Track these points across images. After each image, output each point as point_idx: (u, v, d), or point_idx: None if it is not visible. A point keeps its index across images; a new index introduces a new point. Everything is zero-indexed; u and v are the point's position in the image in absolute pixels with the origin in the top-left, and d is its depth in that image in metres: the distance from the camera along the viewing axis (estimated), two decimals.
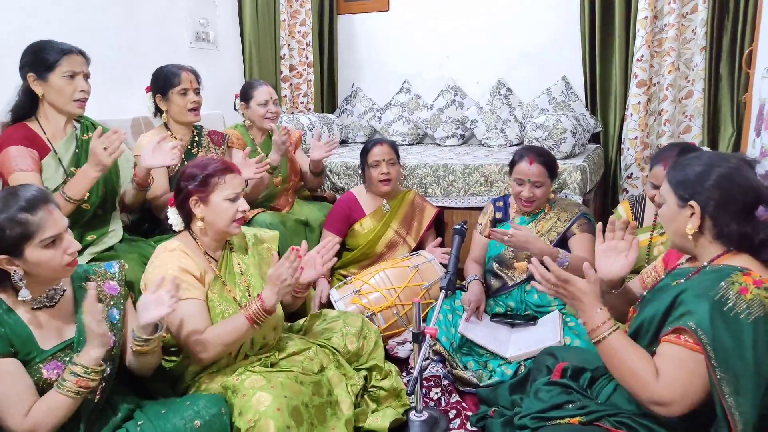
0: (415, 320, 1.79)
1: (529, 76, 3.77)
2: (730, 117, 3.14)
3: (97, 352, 1.31)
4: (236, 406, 1.47)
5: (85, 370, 1.29)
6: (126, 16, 2.78)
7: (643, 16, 3.13)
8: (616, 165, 3.47)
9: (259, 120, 2.71)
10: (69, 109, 1.87)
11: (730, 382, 1.08)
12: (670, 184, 1.28)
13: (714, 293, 1.13)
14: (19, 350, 1.31)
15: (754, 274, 1.14)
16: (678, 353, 1.14)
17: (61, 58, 1.82)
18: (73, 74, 1.84)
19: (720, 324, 1.10)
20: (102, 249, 1.92)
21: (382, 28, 4.16)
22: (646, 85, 3.21)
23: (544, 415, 1.35)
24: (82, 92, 1.87)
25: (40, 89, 1.83)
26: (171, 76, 2.29)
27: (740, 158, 1.24)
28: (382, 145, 2.62)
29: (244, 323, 1.56)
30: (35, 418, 1.26)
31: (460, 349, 2.11)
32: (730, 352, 1.09)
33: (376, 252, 2.62)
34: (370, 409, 1.79)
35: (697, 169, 1.23)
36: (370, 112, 4.16)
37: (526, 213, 2.33)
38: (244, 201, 1.70)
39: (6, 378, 1.26)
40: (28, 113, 1.87)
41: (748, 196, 1.19)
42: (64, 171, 1.88)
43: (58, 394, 1.28)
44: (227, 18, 3.58)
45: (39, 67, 1.82)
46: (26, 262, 1.29)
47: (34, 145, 1.83)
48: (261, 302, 1.56)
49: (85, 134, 1.97)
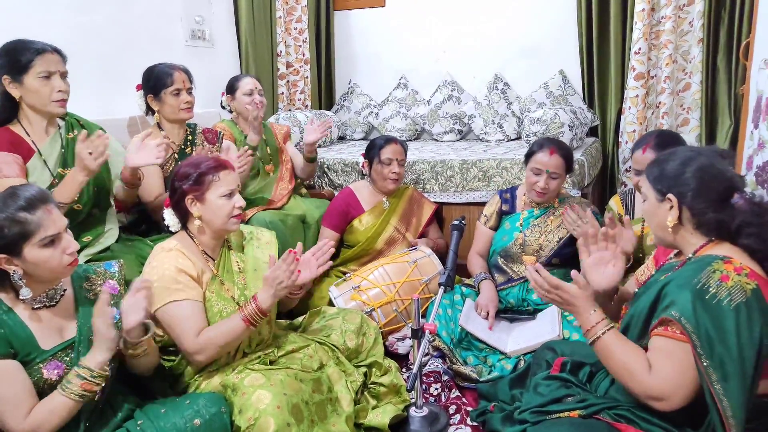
0: (414, 316, 1.79)
1: (526, 70, 3.76)
2: (727, 109, 3.14)
3: (103, 356, 1.32)
4: (236, 404, 1.47)
5: (91, 374, 1.30)
6: (121, 15, 2.77)
7: (640, 8, 3.12)
8: (614, 158, 3.47)
9: (245, 111, 2.71)
10: (49, 110, 1.82)
11: (716, 368, 1.10)
12: (649, 180, 1.33)
13: (696, 282, 1.16)
14: (19, 351, 1.30)
15: (735, 262, 1.17)
16: (666, 345, 1.17)
17: (35, 59, 1.74)
18: (48, 74, 1.77)
19: (702, 312, 1.12)
20: (98, 250, 1.91)
21: (378, 24, 4.15)
22: (644, 77, 3.20)
23: (544, 409, 1.35)
24: (60, 92, 1.80)
25: (17, 92, 1.77)
26: (163, 77, 2.25)
27: (714, 150, 1.30)
28: (396, 143, 2.62)
29: (240, 324, 1.56)
30: (36, 420, 1.26)
31: (459, 344, 2.11)
32: (714, 339, 1.11)
33: (375, 248, 2.62)
34: (370, 405, 1.79)
35: (673, 163, 1.29)
36: (367, 108, 4.15)
37: (536, 205, 2.32)
38: (240, 197, 1.69)
39: (5, 379, 1.26)
40: (9, 116, 1.82)
41: (721, 185, 1.24)
42: (50, 172, 1.85)
43: (61, 396, 1.28)
44: (223, 16, 3.57)
45: (12, 70, 1.75)
46: (25, 262, 1.29)
47: (19, 149, 1.79)
48: (256, 303, 1.57)
49: (70, 132, 1.92)
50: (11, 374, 1.27)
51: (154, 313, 1.59)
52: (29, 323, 1.34)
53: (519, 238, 2.30)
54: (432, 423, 1.78)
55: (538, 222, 2.31)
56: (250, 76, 2.81)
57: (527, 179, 2.28)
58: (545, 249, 2.29)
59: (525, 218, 2.33)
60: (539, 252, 2.29)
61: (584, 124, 3.22)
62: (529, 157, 2.27)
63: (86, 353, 1.37)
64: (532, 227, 2.31)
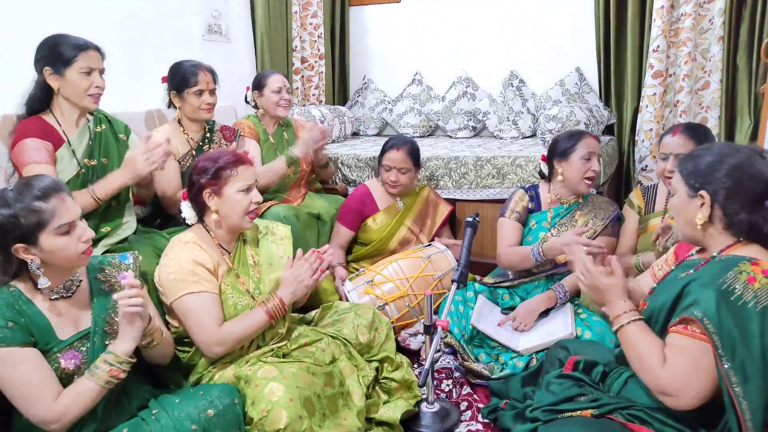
0: (427, 312, 1.79)
1: (542, 67, 3.73)
2: (747, 108, 3.08)
3: (127, 345, 1.35)
4: (249, 396, 1.49)
5: (118, 360, 1.33)
6: (139, 10, 2.79)
7: (659, 5, 3.08)
8: (630, 157, 3.43)
9: (272, 108, 2.72)
10: (84, 104, 1.89)
11: (737, 371, 1.09)
12: (681, 174, 1.29)
13: (721, 282, 1.13)
14: (39, 340, 1.33)
15: (762, 264, 1.15)
16: (684, 343, 1.15)
17: (78, 54, 1.83)
18: (89, 70, 1.85)
19: (726, 313, 1.10)
20: (116, 241, 1.94)
21: (393, 19, 4.14)
22: (662, 75, 3.16)
23: (556, 407, 1.34)
24: (97, 88, 1.89)
25: (56, 83, 1.84)
26: (189, 76, 2.28)
27: (751, 148, 1.25)
28: (398, 150, 2.54)
29: (263, 318, 1.61)
30: (65, 404, 1.29)
31: (471, 341, 2.11)
32: (737, 340, 1.09)
33: (388, 248, 2.62)
34: (381, 400, 1.79)
35: (708, 159, 1.24)
36: (381, 104, 4.15)
37: (579, 195, 2.24)
38: (257, 192, 1.71)
39: (30, 366, 1.29)
40: (43, 106, 1.89)
41: (758, 186, 1.20)
42: (77, 163, 1.90)
43: (89, 381, 1.31)
44: (239, 10, 3.58)
45: (56, 62, 1.82)
46: (42, 251, 1.32)
47: (50, 137, 1.85)
48: (281, 299, 1.63)
49: (98, 127, 1.99)
50: (36, 360, 1.30)
51: (171, 304, 1.62)
52: (47, 314, 1.36)
53: (545, 237, 2.23)
54: (443, 419, 1.79)
55: (564, 221, 2.26)
56: (279, 73, 2.78)
57: (576, 170, 2.16)
58: None
59: (552, 216, 2.26)
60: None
61: (600, 122, 3.19)
62: (571, 148, 2.17)
63: (101, 343, 1.40)
64: (558, 226, 2.25)
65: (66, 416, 1.29)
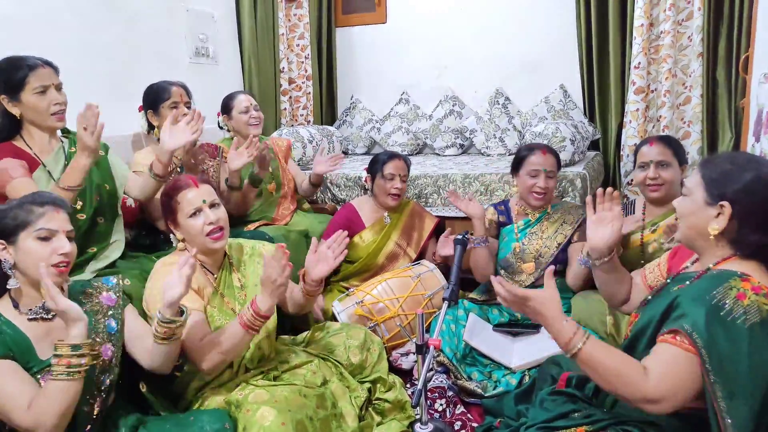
0: (419, 331, 1.78)
1: (527, 85, 3.79)
2: (728, 122, 3.15)
3: (76, 329, 1.27)
4: (240, 421, 1.46)
5: (71, 347, 1.26)
6: (126, 33, 2.80)
7: (639, 23, 3.15)
8: (616, 171, 3.47)
9: (244, 127, 2.71)
10: (49, 124, 1.84)
11: (723, 386, 1.07)
12: (704, 178, 1.22)
13: (711, 297, 1.12)
14: (18, 359, 1.31)
15: (752, 280, 1.13)
16: (672, 351, 1.13)
17: (28, 75, 1.76)
18: (43, 89, 1.79)
19: (716, 328, 1.09)
20: (104, 265, 1.92)
21: (379, 39, 4.19)
22: (644, 92, 3.22)
23: (551, 424, 1.34)
24: (56, 105, 1.82)
25: (16, 110, 1.79)
26: (161, 92, 2.31)
27: None
28: (399, 159, 2.62)
29: (239, 330, 1.53)
30: (36, 410, 1.24)
31: (464, 359, 2.10)
32: (725, 356, 1.08)
33: (376, 264, 2.62)
34: (375, 421, 1.78)
35: (735, 169, 1.18)
36: (369, 123, 4.18)
37: (531, 213, 2.33)
38: (210, 211, 1.67)
39: (6, 375, 1.27)
40: (12, 133, 1.84)
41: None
42: (55, 185, 1.85)
43: (50, 381, 1.26)
44: (226, 33, 3.61)
45: (9, 89, 1.77)
46: (18, 251, 1.34)
47: (23, 159, 1.81)
48: (254, 307, 1.54)
49: (73, 147, 1.93)
50: (11, 370, 1.28)
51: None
52: (28, 334, 1.35)
53: (516, 247, 2.32)
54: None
55: (534, 230, 2.32)
56: (244, 93, 2.80)
57: (524, 184, 2.30)
58: (544, 255, 2.29)
59: (521, 229, 2.34)
60: (539, 259, 2.29)
61: (585, 138, 3.24)
62: (521, 162, 2.30)
63: None
64: (529, 235, 2.32)
65: (44, 420, 1.23)
